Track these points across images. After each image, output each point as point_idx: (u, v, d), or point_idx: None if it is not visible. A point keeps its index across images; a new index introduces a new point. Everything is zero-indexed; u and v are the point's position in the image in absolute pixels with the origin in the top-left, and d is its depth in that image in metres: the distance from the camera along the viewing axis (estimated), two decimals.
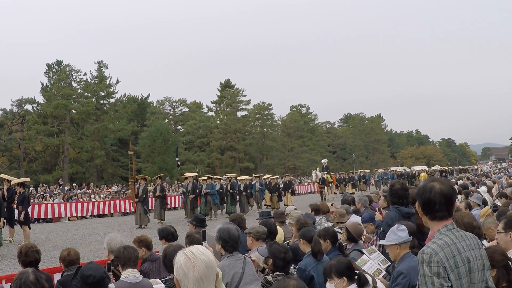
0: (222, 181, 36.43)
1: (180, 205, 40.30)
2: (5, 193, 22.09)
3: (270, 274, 6.65)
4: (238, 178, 38.98)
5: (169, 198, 39.74)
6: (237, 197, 34.88)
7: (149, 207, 29.44)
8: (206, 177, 34.66)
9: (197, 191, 30.77)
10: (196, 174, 36.90)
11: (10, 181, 23.23)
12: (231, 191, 33.80)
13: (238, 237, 6.64)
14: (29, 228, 22.21)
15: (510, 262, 5.44)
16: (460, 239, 3.85)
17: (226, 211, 33.62)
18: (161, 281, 6.96)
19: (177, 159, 39.57)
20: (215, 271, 3.29)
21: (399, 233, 6.79)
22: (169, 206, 37.61)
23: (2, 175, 24.24)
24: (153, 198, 31.87)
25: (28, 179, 27.13)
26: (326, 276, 6.06)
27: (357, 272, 6.15)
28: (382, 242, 7.11)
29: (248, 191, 35.61)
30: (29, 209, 23.75)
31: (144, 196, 28.01)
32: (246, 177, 41.02)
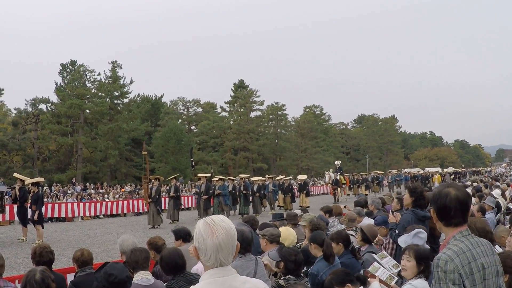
0: (235, 181, 36.40)
1: (193, 206, 40.34)
2: (17, 193, 22.15)
3: (282, 278, 6.64)
4: (251, 179, 38.90)
5: (182, 198, 39.85)
6: (250, 198, 34.80)
7: (162, 208, 29.42)
8: (217, 178, 34.66)
9: (211, 191, 30.78)
10: (210, 174, 36.82)
11: (23, 180, 23.26)
12: (244, 191, 33.73)
13: (252, 239, 6.65)
14: (42, 228, 22.22)
15: None
16: (474, 245, 3.83)
17: (239, 211, 33.61)
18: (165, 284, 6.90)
19: (191, 159, 39.56)
20: (235, 240, 3.26)
21: (415, 239, 6.78)
22: (182, 207, 37.70)
23: (16, 175, 24.28)
24: (167, 198, 32.02)
25: (42, 179, 27.10)
26: None
27: (355, 275, 6.17)
28: (400, 242, 7.08)
29: (262, 192, 35.52)
30: (43, 209, 23.77)
31: (157, 196, 27.99)
32: (260, 178, 41.00)
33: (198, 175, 37.42)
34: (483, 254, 3.83)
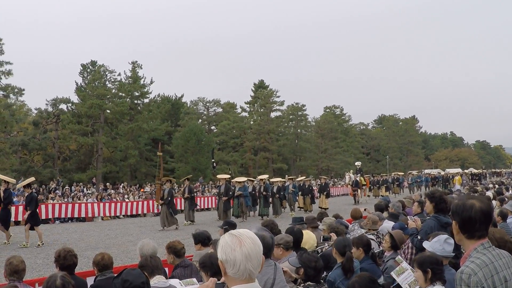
0: (254, 182, 36.32)
1: (214, 206, 40.29)
2: (1, 194, 22.04)
3: (302, 285, 6.61)
4: (270, 180, 38.81)
5: (202, 199, 39.88)
6: (270, 199, 34.73)
7: (176, 208, 29.61)
8: (237, 180, 34.67)
9: (230, 193, 30.78)
10: (229, 176, 36.69)
11: (8, 182, 23.08)
12: (264, 193, 33.60)
13: (272, 245, 6.62)
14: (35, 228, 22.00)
15: None
16: (497, 258, 3.79)
17: (258, 213, 33.55)
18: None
19: (213, 160, 39.58)
20: (262, 251, 3.25)
21: (445, 245, 6.71)
22: (201, 207, 37.71)
23: (0, 176, 23.91)
24: (182, 200, 32.19)
25: (33, 179, 26.83)
26: None
27: (380, 283, 6.11)
28: (426, 246, 6.99)
29: (282, 193, 35.42)
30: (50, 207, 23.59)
31: (169, 198, 27.91)
32: (279, 179, 40.94)
33: (218, 176, 37.40)
34: (505, 266, 3.80)
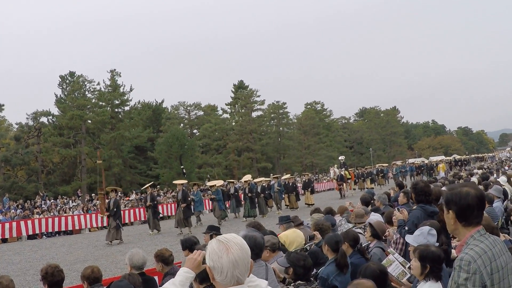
0: (236, 184, 36.05)
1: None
2: None
3: (292, 284, 6.60)
4: (254, 180, 38.74)
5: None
6: (256, 199, 34.62)
7: (122, 221, 28.75)
8: (212, 183, 34.53)
9: (189, 199, 29.29)
10: (185, 181, 35.55)
11: None
12: (249, 194, 33.25)
13: (263, 245, 6.60)
14: None
15: None
16: (493, 245, 3.80)
17: (243, 214, 33.34)
18: None
19: (182, 167, 39.40)
20: (250, 256, 3.20)
21: (429, 237, 6.71)
22: (162, 215, 36.96)
23: None
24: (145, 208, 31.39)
25: None
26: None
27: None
28: (408, 240, 7.00)
29: (267, 192, 35.41)
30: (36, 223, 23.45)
31: (115, 209, 26.09)
32: (263, 178, 40.89)
33: (174, 182, 36.93)
34: (500, 253, 3.81)
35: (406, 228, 8.48)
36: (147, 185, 32.20)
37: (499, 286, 3.69)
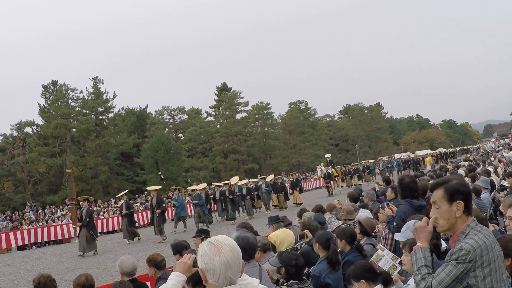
0: (222, 188, 35.72)
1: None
2: None
3: (285, 284, 6.63)
4: (239, 183, 38.53)
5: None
6: (242, 201, 34.58)
7: (97, 231, 28.14)
8: (195, 187, 34.18)
9: (164, 205, 28.83)
10: (160, 187, 34.75)
11: None
12: (230, 196, 32.87)
13: (256, 245, 6.63)
14: None
15: None
16: (488, 235, 3.84)
17: (226, 218, 33.06)
18: None
19: (159, 173, 39.18)
20: (241, 257, 3.24)
21: None
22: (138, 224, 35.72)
23: None
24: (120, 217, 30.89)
25: None
26: (347, 282, 6.05)
27: (379, 272, 6.13)
28: (397, 238, 7.03)
29: (255, 193, 35.43)
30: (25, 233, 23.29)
31: (87, 219, 24.97)
32: (247, 180, 40.86)
33: (148, 188, 36.61)
34: (494, 242, 3.85)
35: (394, 223, 8.53)
36: (122, 193, 31.09)
37: (496, 275, 3.72)
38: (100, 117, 72.54)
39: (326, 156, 51.19)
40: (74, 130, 67.66)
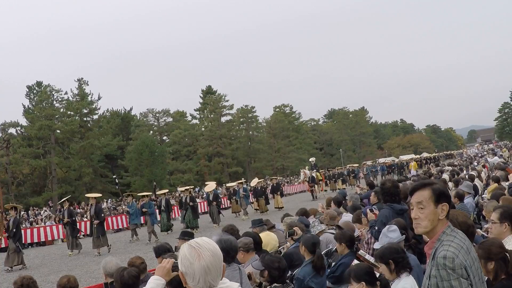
0: (181, 194, 34.66)
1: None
2: None
3: (268, 287, 6.64)
4: (205, 189, 38.04)
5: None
6: (208, 207, 34.29)
7: (24, 241, 26.63)
8: (146, 194, 32.67)
9: (102, 215, 26.68)
10: (98, 195, 32.71)
11: None
12: (190, 203, 30.78)
13: (238, 248, 6.65)
14: None
15: (508, 254, 5.40)
16: (464, 239, 3.85)
17: (186, 226, 29.81)
18: None
19: (114, 176, 38.92)
20: (222, 261, 3.23)
21: (390, 234, 6.80)
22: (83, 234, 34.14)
23: None
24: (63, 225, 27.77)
25: None
26: (346, 281, 6.07)
27: (378, 277, 6.15)
28: (376, 246, 7.07)
29: (234, 198, 35.53)
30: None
31: (14, 230, 22.47)
32: (213, 183, 40.35)
33: (86, 195, 35.93)
34: (470, 246, 3.86)
35: (376, 228, 8.57)
36: (64, 199, 28.47)
37: (478, 277, 3.75)
38: (85, 118, 72.40)
39: (310, 160, 51.26)
40: (58, 131, 67.52)
